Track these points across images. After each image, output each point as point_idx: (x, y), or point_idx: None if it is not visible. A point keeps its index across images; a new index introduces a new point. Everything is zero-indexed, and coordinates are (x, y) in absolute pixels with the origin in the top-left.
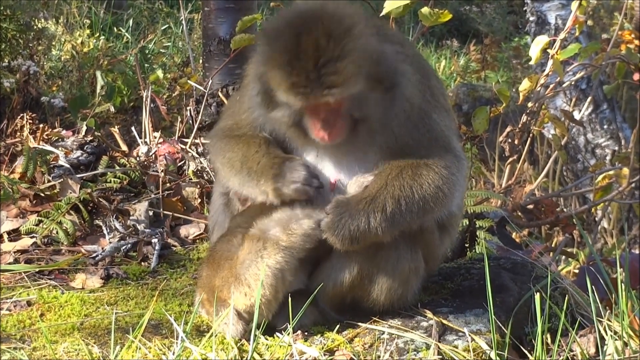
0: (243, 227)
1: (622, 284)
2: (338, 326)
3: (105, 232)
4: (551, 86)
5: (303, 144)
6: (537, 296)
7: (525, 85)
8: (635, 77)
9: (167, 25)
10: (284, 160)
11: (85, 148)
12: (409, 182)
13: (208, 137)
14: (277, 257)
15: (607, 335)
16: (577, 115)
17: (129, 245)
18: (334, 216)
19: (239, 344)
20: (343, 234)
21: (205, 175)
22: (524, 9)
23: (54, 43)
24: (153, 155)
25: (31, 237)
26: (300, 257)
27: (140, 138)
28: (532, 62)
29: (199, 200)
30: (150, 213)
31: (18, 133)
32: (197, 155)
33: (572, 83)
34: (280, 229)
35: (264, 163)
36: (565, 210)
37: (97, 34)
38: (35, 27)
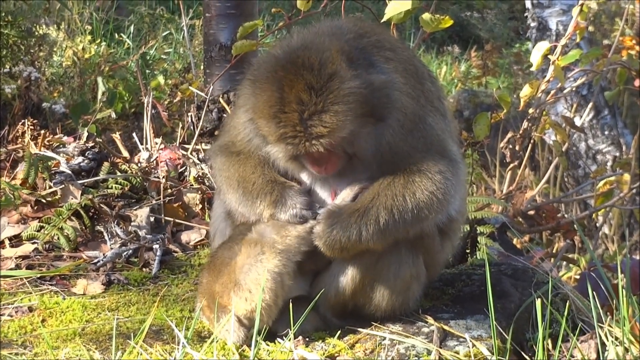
0: (243, 234)
1: (623, 290)
2: (339, 332)
3: (106, 238)
4: (552, 92)
5: (300, 171)
6: (538, 302)
7: (526, 91)
8: (636, 83)
9: (168, 32)
10: (283, 187)
11: (86, 154)
12: (401, 190)
13: (208, 152)
14: (275, 261)
15: (608, 340)
16: (578, 122)
17: (130, 251)
18: (325, 226)
19: (240, 350)
20: (334, 244)
21: (206, 181)
22: (525, 15)
23: (55, 49)
24: (154, 161)
25: (32, 243)
26: (298, 260)
27: (142, 144)
28: (533, 68)
29: (200, 206)
30: (152, 219)
31: (19, 139)
32: (198, 162)
33: (573, 89)
34: (275, 232)
35: (260, 186)
36: (566, 216)
37: (99, 40)
38: (36, 33)
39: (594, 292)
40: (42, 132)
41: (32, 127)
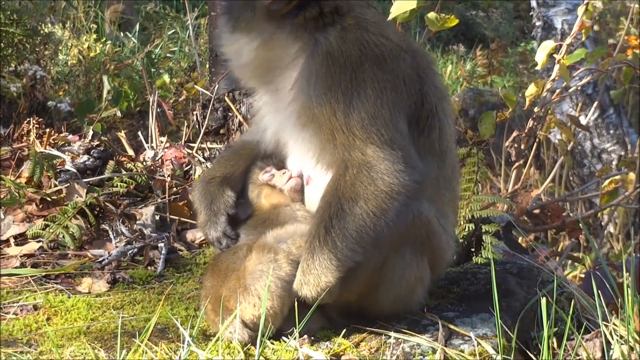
0: (246, 237)
1: (628, 289)
2: (344, 330)
3: (111, 236)
4: (557, 91)
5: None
6: (544, 300)
7: (531, 90)
8: None
9: (173, 30)
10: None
11: (91, 152)
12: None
13: None
14: (287, 269)
15: (613, 339)
16: (583, 120)
17: (136, 249)
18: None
19: (245, 348)
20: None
21: None
22: (530, 14)
23: (60, 48)
24: (159, 160)
25: (38, 242)
26: None
27: (147, 143)
28: (538, 67)
29: None
30: (157, 217)
31: (25, 137)
32: (203, 160)
33: (579, 88)
34: (292, 242)
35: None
36: (571, 214)
37: (104, 39)
38: (42, 31)
39: (599, 291)
40: (48, 130)
41: (37, 126)
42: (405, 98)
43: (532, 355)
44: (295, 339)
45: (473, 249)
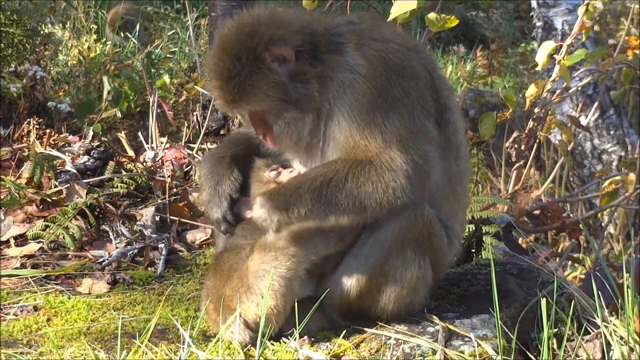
0: (249, 238)
1: (628, 289)
2: (344, 331)
3: (111, 237)
4: (558, 92)
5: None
6: (544, 301)
7: (531, 90)
8: None
9: (173, 31)
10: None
11: (92, 153)
12: (344, 172)
13: None
14: (288, 264)
15: (613, 340)
16: (583, 121)
17: (136, 250)
18: (262, 211)
19: (245, 349)
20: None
21: None
22: (531, 14)
23: (60, 48)
24: (160, 161)
25: (38, 242)
26: (308, 268)
27: (147, 143)
28: (538, 68)
29: None
30: (157, 218)
31: (25, 138)
32: None
33: (579, 89)
34: (289, 238)
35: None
36: (571, 215)
37: (104, 39)
38: (42, 32)
39: (599, 292)
40: (48, 131)
41: (37, 126)
42: (428, 100)
43: (532, 356)
44: (295, 339)
45: (473, 250)
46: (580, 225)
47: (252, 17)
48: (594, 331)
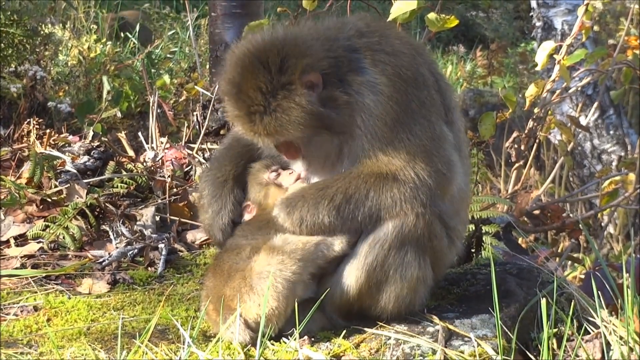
0: (250, 238)
1: (628, 289)
2: (344, 331)
3: (112, 237)
4: (557, 92)
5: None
6: (543, 301)
7: (531, 90)
8: None
9: (173, 31)
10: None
11: (92, 153)
12: (365, 185)
13: None
14: (294, 268)
15: (613, 340)
16: (583, 121)
17: (136, 250)
18: (284, 215)
19: (245, 349)
20: (298, 225)
21: None
22: (531, 14)
23: (60, 48)
24: (160, 161)
25: (38, 242)
26: (312, 272)
27: (147, 143)
28: (538, 68)
29: None
30: (157, 218)
31: (25, 138)
32: (203, 161)
33: (579, 89)
34: (298, 242)
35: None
36: (571, 215)
37: (104, 39)
38: (42, 32)
39: (599, 292)
40: (48, 131)
41: (37, 126)
42: (439, 104)
43: (532, 356)
44: (295, 339)
45: (473, 250)
46: (580, 225)
47: (273, 46)
48: (593, 331)
